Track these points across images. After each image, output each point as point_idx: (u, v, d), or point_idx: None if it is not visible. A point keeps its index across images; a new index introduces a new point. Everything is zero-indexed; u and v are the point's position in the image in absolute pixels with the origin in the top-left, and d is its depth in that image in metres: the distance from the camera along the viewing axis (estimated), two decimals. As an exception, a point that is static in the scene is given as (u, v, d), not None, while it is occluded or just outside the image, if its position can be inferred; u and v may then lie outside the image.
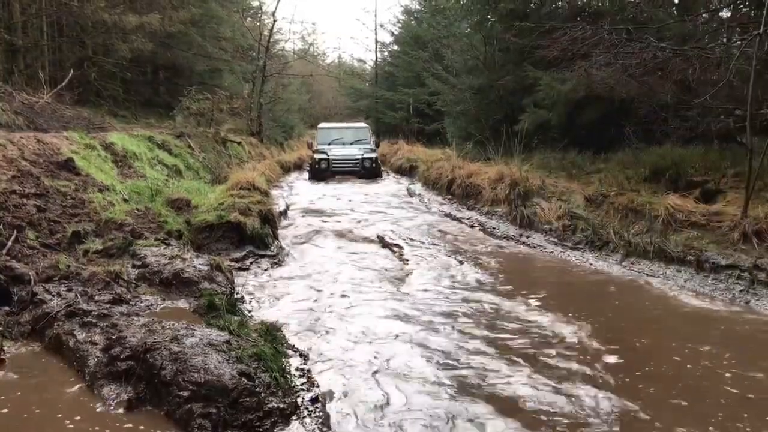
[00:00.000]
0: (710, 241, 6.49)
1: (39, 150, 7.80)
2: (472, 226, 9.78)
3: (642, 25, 10.09)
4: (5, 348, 3.65)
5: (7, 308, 4.08)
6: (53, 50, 16.40)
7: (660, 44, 8.62)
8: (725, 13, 10.89)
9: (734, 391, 3.66)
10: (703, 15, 10.95)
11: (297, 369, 3.78)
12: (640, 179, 9.40)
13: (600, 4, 13.69)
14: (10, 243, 4.94)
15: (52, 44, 16.19)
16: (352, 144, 19.80)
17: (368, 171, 18.73)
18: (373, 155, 19.16)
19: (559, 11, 14.85)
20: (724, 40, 10.18)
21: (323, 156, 18.72)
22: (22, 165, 6.95)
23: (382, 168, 20.47)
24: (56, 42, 16.57)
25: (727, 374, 3.88)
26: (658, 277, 6.34)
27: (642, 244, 6.86)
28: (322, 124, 22.18)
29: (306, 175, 19.84)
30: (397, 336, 4.53)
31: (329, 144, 19.53)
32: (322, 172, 18.40)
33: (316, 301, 5.47)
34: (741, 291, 5.59)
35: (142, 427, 2.98)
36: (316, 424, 3.14)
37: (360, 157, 18.84)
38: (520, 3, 15.15)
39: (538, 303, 5.38)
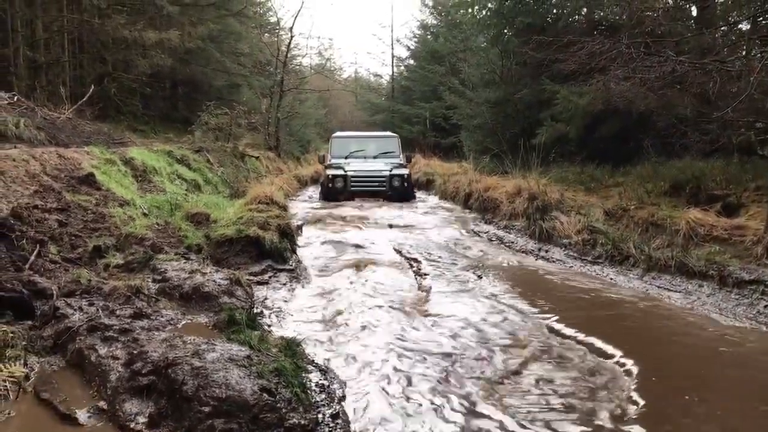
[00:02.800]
0: (733, 256, 6.41)
1: (60, 165, 7.90)
2: (490, 240, 9.75)
3: (660, 38, 10.06)
4: (29, 362, 3.67)
5: (30, 322, 4.11)
6: (74, 66, 16.65)
7: (679, 58, 8.58)
8: (745, 26, 10.83)
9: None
10: (722, 28, 10.90)
11: (317, 385, 3.77)
12: (660, 193, 9.34)
13: (617, 18, 13.68)
14: (32, 257, 4.99)
15: (73, 60, 16.45)
16: (375, 158, 16.11)
17: (397, 192, 15.04)
18: (404, 172, 15.37)
19: (576, 25, 14.89)
20: (743, 53, 10.12)
21: (339, 172, 15.09)
22: (44, 180, 7.03)
23: None
24: (77, 58, 16.83)
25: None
26: (680, 292, 6.26)
27: (663, 259, 6.79)
28: (337, 133, 18.31)
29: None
30: (413, 351, 4.50)
31: (346, 158, 15.97)
32: (338, 192, 14.90)
33: (334, 315, 5.45)
34: (765, 306, 5.50)
35: (163, 443, 2.98)
36: (337, 440, 3.13)
37: (387, 174, 15.08)
38: (537, 17, 15.22)
39: (558, 320, 5.33)
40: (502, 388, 3.87)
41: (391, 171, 15.12)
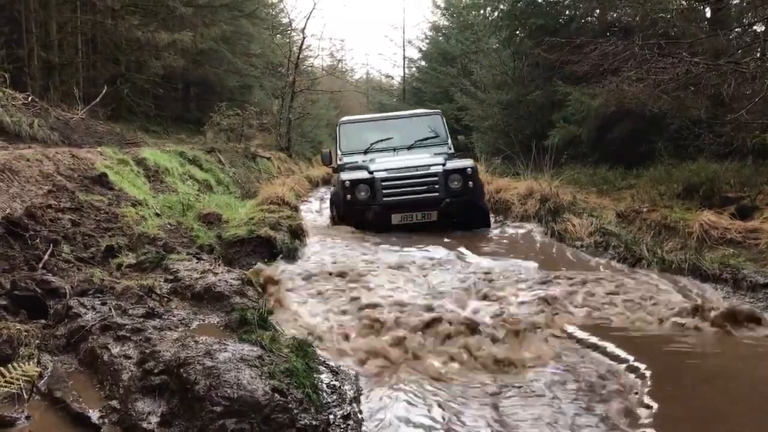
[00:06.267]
0: (747, 259, 6.35)
1: (74, 165, 7.95)
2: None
3: (674, 39, 10.02)
4: (42, 361, 3.69)
5: (43, 321, 4.13)
6: (87, 67, 16.78)
7: (693, 59, 8.54)
8: (759, 27, 10.78)
9: None
10: (737, 29, 10.84)
11: (328, 385, 3.76)
12: (672, 195, 9.30)
13: (630, 19, 13.63)
14: (46, 257, 5.02)
15: (86, 61, 16.58)
16: (411, 149, 10.42)
17: (460, 201, 8.99)
18: (466, 164, 9.35)
19: (588, 26, 14.83)
20: (758, 54, 10.07)
21: (360, 175, 9.21)
22: (57, 180, 7.08)
23: None
24: (90, 59, 16.96)
25: None
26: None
27: (676, 262, 6.73)
28: (348, 118, 12.34)
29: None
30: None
31: (366, 153, 10.40)
32: (361, 208, 9.01)
33: (344, 314, 5.44)
34: (780, 310, 5.44)
35: (175, 443, 2.98)
36: (348, 441, 3.12)
37: (439, 170, 9.08)
38: (550, 18, 15.19)
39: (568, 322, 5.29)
40: (512, 391, 3.85)
41: (445, 165, 9.18)
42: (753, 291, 5.84)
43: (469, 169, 9.18)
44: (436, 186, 9.01)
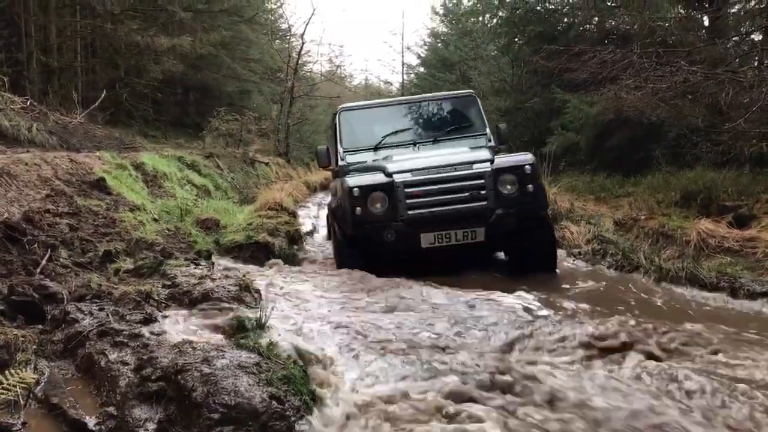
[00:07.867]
0: (744, 268, 6.36)
1: (72, 169, 7.95)
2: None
3: (672, 48, 10.06)
4: (39, 367, 3.68)
5: (40, 326, 4.12)
6: (87, 71, 16.81)
7: (691, 68, 8.57)
8: (757, 36, 10.83)
9: None
10: (734, 38, 10.89)
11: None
12: (670, 203, 9.30)
13: (629, 28, 13.69)
14: (44, 261, 5.01)
15: (85, 65, 16.61)
16: (437, 143, 7.70)
17: (515, 213, 6.24)
18: (523, 160, 6.46)
19: (587, 34, 14.89)
20: (756, 63, 10.11)
21: (373, 180, 6.41)
22: (55, 184, 7.08)
23: None
24: (90, 63, 16.99)
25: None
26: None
27: (674, 270, 6.73)
28: (349, 104, 8.58)
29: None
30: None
31: (376, 149, 7.60)
32: (377, 226, 6.21)
33: (343, 314, 5.43)
34: (777, 319, 5.45)
35: (172, 450, 2.97)
36: (345, 449, 3.10)
37: (487, 169, 6.25)
38: (548, 26, 15.26)
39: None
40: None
41: (493, 162, 6.41)
42: (751, 299, 5.85)
43: (527, 167, 6.44)
44: (483, 192, 6.28)
